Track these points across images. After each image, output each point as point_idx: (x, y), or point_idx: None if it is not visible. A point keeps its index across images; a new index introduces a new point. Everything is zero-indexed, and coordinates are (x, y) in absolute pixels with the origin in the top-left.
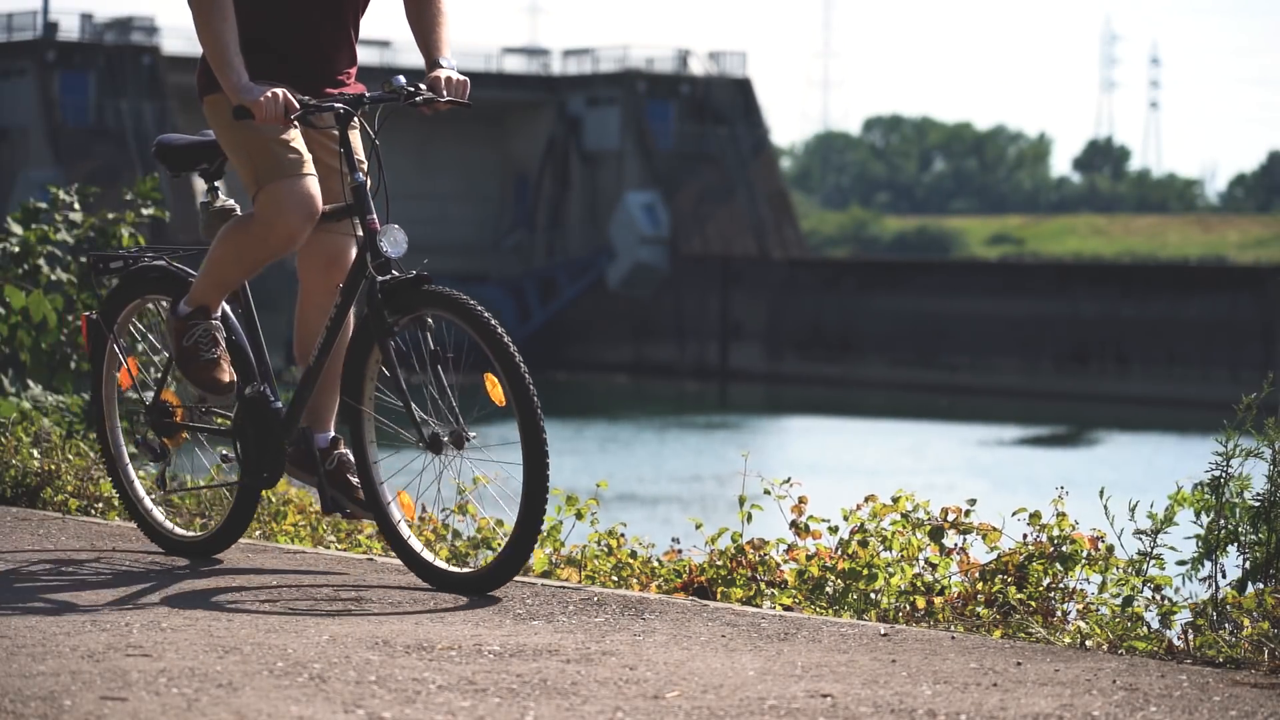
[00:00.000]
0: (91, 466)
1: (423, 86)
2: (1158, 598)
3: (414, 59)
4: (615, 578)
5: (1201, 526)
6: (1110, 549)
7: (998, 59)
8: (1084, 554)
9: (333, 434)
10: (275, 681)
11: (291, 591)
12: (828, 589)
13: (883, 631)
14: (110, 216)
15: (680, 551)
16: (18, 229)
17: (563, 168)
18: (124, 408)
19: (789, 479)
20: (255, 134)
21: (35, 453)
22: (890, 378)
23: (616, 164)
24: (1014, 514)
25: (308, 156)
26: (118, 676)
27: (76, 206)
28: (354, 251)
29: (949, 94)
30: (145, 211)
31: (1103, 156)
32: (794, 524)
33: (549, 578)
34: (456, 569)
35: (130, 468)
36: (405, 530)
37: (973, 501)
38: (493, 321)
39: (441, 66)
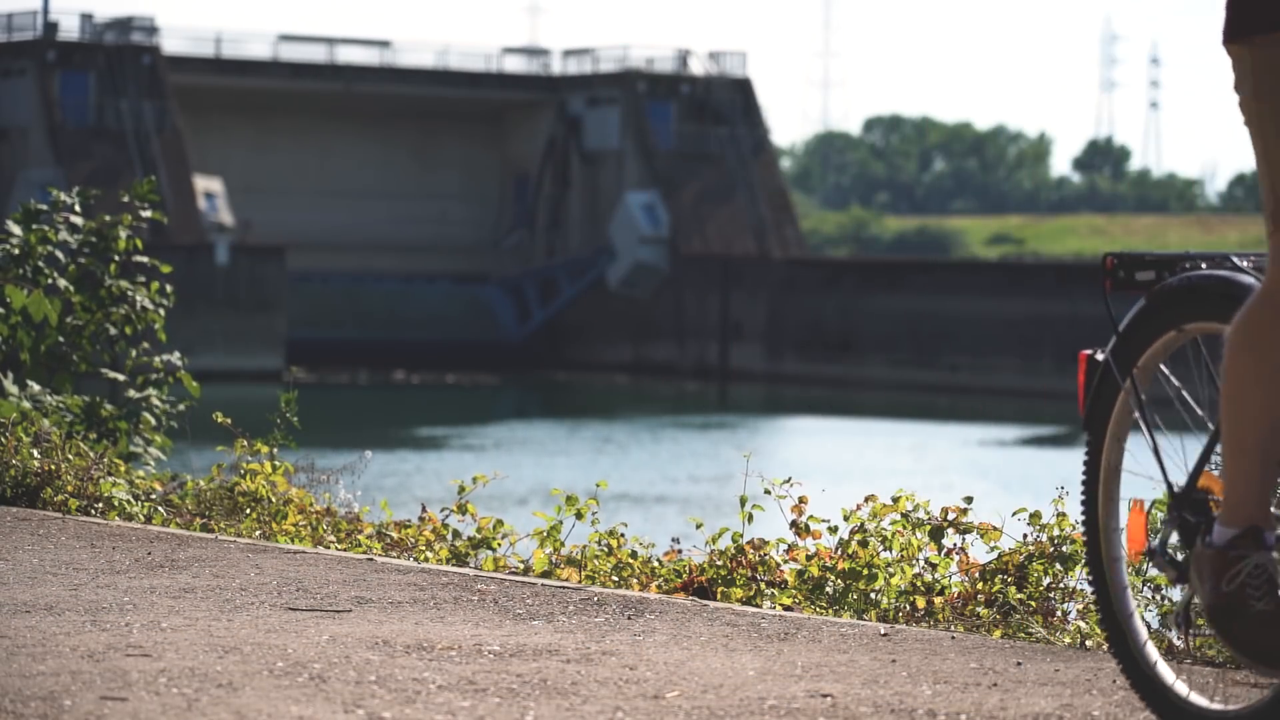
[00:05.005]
0: (91, 466)
1: None
2: (1157, 598)
3: (416, 59)
4: (615, 578)
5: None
6: None
7: (998, 59)
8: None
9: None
10: (275, 681)
11: None
12: (828, 589)
13: (883, 631)
14: (108, 219)
15: (680, 551)
16: (18, 230)
17: (563, 168)
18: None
19: (789, 479)
20: None
21: (35, 453)
22: (890, 378)
23: (617, 164)
24: (1014, 514)
25: None
26: (118, 676)
27: (78, 209)
28: None
29: (949, 94)
30: (144, 214)
31: (1103, 156)
32: (794, 524)
33: (549, 578)
34: None
35: (1130, 596)
36: None
37: (969, 499)
38: None
39: None
